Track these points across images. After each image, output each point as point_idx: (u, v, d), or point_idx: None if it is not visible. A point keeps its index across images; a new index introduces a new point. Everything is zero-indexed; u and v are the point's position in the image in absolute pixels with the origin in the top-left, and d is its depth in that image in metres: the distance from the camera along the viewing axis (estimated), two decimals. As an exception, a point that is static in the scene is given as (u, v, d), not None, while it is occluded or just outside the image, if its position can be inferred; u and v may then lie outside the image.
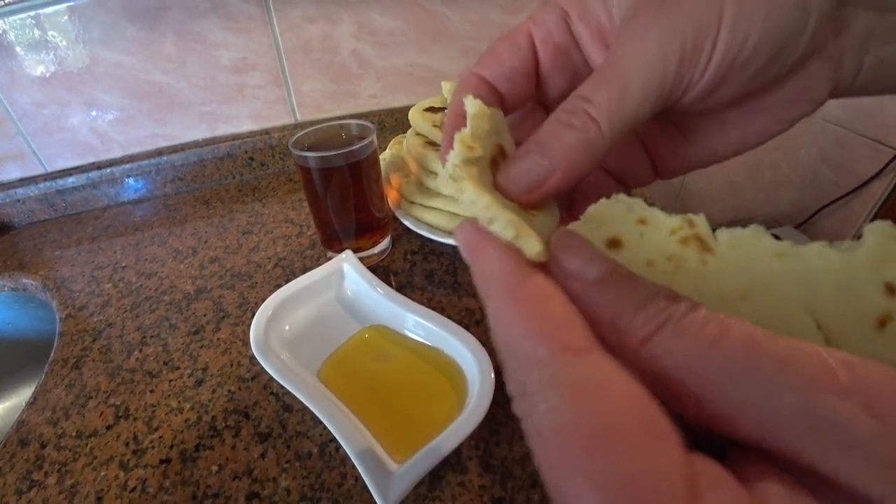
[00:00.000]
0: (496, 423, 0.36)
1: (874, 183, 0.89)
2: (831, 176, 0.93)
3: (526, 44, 0.20)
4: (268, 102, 0.72)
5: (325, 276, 0.46)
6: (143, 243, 0.63)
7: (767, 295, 0.14)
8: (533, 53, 0.20)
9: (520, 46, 0.20)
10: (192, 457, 0.37)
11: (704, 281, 0.15)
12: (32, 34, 0.61)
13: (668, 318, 0.12)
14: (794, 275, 0.14)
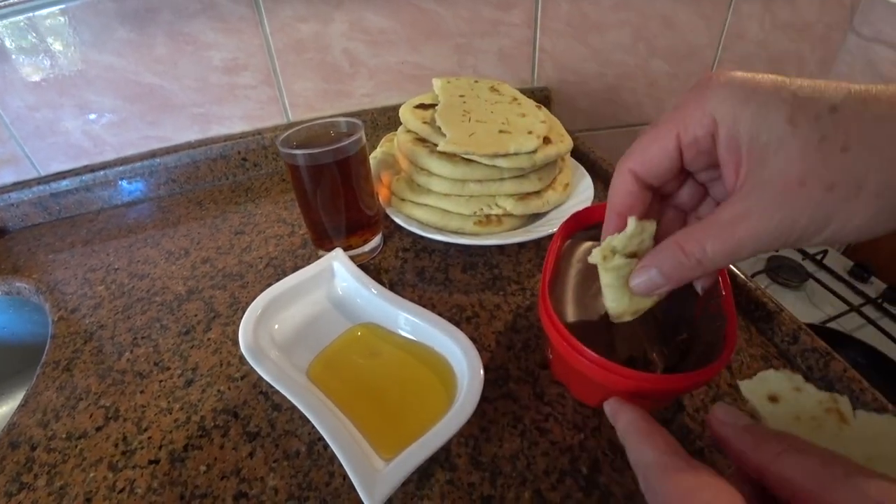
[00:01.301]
0: (486, 421, 0.36)
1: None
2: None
3: (674, 147, 0.24)
4: (260, 103, 0.72)
5: (314, 275, 0.46)
6: (135, 245, 0.62)
7: (890, 464, 0.19)
8: (678, 154, 0.25)
9: (668, 151, 0.25)
10: (181, 457, 0.37)
11: (839, 441, 0.20)
12: (24, 38, 0.61)
13: (791, 445, 0.19)
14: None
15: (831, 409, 0.22)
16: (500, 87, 0.58)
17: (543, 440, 0.35)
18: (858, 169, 0.19)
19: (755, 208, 0.21)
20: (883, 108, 0.19)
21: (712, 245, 0.22)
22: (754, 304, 0.46)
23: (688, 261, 0.23)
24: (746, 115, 0.21)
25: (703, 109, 0.23)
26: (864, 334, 0.72)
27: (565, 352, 0.31)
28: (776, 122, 0.20)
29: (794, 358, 0.42)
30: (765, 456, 0.20)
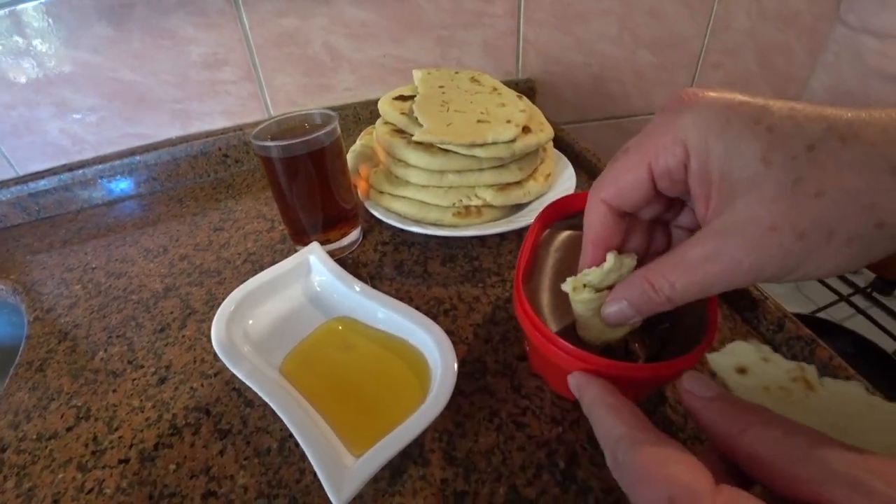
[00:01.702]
0: (461, 415, 0.35)
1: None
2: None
3: (646, 178, 0.24)
4: (240, 98, 0.71)
5: (290, 269, 0.45)
6: (114, 244, 0.61)
7: (856, 432, 0.19)
8: (652, 184, 0.24)
9: (641, 180, 0.24)
10: (151, 456, 0.36)
11: (807, 410, 0.20)
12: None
13: (758, 418, 0.19)
14: (881, 422, 0.19)
15: (798, 378, 0.22)
16: (481, 77, 0.57)
17: (520, 434, 0.34)
18: (831, 217, 0.18)
19: (724, 250, 0.20)
20: (863, 148, 0.18)
21: (681, 283, 0.22)
22: (738, 293, 0.45)
23: (657, 296, 0.23)
24: (719, 148, 0.20)
25: (674, 136, 0.22)
26: (854, 324, 0.72)
27: (539, 342, 0.30)
28: (750, 159, 0.20)
29: (779, 347, 0.41)
30: (732, 430, 0.20)
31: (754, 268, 0.20)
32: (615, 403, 0.23)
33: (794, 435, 0.18)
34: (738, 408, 0.20)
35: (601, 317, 0.28)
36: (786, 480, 0.18)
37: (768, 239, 0.19)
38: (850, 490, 0.15)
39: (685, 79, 0.89)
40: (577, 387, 0.27)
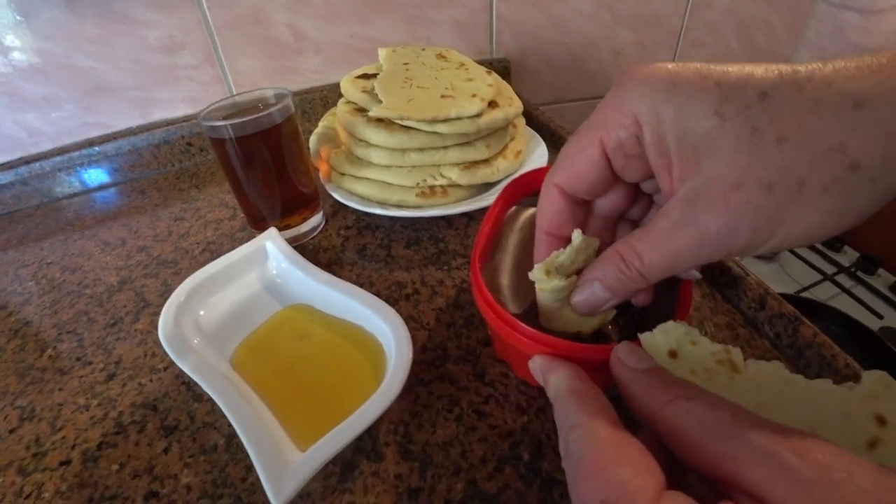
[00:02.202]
0: (419, 405, 0.33)
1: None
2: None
3: (599, 155, 0.23)
4: (202, 83, 0.68)
5: (245, 257, 0.42)
6: (72, 238, 0.59)
7: (778, 410, 0.19)
8: (606, 163, 0.23)
9: (594, 160, 0.23)
10: (94, 456, 0.34)
11: (730, 391, 0.19)
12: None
13: (684, 392, 0.18)
14: (802, 399, 0.19)
15: (724, 361, 0.20)
16: (448, 53, 0.54)
17: (482, 424, 0.32)
18: (798, 163, 0.17)
19: (690, 217, 0.19)
20: (819, 88, 0.16)
21: (649, 256, 0.21)
22: (719, 270, 0.43)
23: (629, 271, 0.22)
24: (669, 111, 0.19)
25: (622, 109, 0.21)
26: (838, 302, 0.70)
27: (496, 325, 0.28)
28: (703, 116, 0.18)
29: (761, 325, 0.39)
30: (655, 404, 0.18)
31: (724, 234, 0.19)
32: (581, 389, 0.22)
33: (717, 409, 0.17)
34: (666, 382, 0.19)
35: (572, 306, 0.26)
36: (706, 457, 0.16)
37: (734, 197, 0.18)
38: (768, 467, 0.14)
39: (666, 57, 0.87)
40: (541, 371, 0.25)
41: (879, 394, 0.18)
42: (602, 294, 0.24)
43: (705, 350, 0.21)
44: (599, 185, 0.24)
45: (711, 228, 0.19)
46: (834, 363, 0.33)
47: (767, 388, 0.19)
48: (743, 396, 0.19)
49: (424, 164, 0.45)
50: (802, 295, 0.70)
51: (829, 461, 0.14)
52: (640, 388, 0.19)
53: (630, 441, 0.18)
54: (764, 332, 0.39)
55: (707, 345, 0.21)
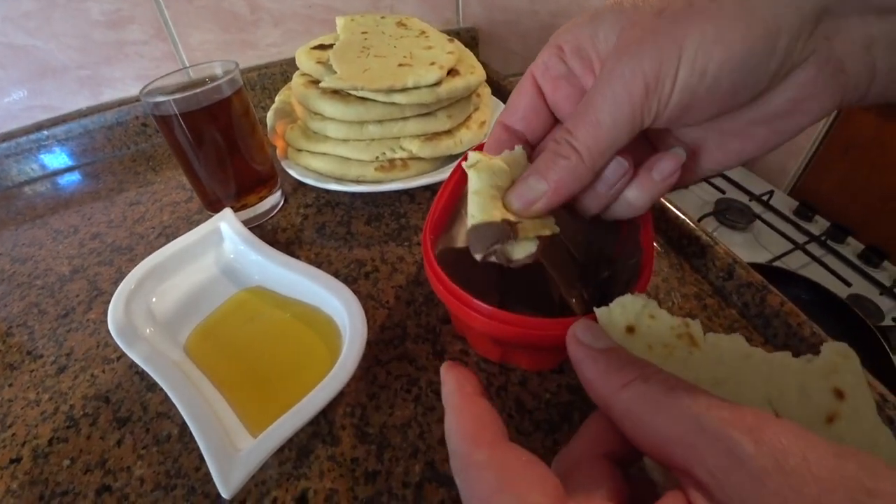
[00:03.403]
0: (377, 386, 0.32)
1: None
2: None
3: (530, 84, 0.24)
4: (154, 60, 0.64)
5: (198, 240, 0.40)
6: (22, 227, 0.56)
7: (736, 385, 0.18)
8: (538, 90, 0.24)
9: (526, 90, 0.24)
10: (44, 452, 0.33)
11: (688, 367, 0.19)
12: None
13: (640, 374, 0.17)
14: (760, 373, 0.18)
15: (683, 335, 0.19)
16: (409, 21, 0.52)
17: (440, 404, 0.31)
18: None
19: (605, 80, 0.20)
20: None
21: (579, 131, 0.20)
22: (687, 239, 0.43)
23: (562, 149, 0.21)
24: (586, 29, 0.22)
25: (549, 45, 0.23)
26: (809, 271, 0.71)
27: (440, 294, 0.27)
28: (609, 19, 0.21)
29: (729, 295, 0.39)
30: (609, 387, 0.17)
31: (631, 77, 0.18)
32: (460, 404, 0.19)
33: (671, 392, 0.15)
34: (622, 363, 0.18)
35: (505, 203, 0.23)
36: (658, 444, 0.15)
37: (632, 37, 0.19)
38: (719, 457, 0.13)
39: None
40: (441, 378, 0.22)
41: (838, 366, 0.18)
42: (536, 185, 0.21)
43: (664, 324, 0.20)
44: (533, 115, 0.25)
45: (626, 74, 0.19)
46: (800, 332, 0.33)
47: (725, 363, 0.19)
48: (700, 371, 0.18)
49: (384, 137, 0.43)
50: (774, 264, 0.70)
51: (786, 444, 0.13)
52: (596, 370, 0.18)
53: (513, 456, 0.17)
54: (732, 301, 0.38)
55: (666, 318, 0.20)
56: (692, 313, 0.37)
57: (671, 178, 0.22)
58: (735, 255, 0.40)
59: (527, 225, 0.22)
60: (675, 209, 0.43)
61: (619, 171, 0.22)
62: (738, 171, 0.93)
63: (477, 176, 0.22)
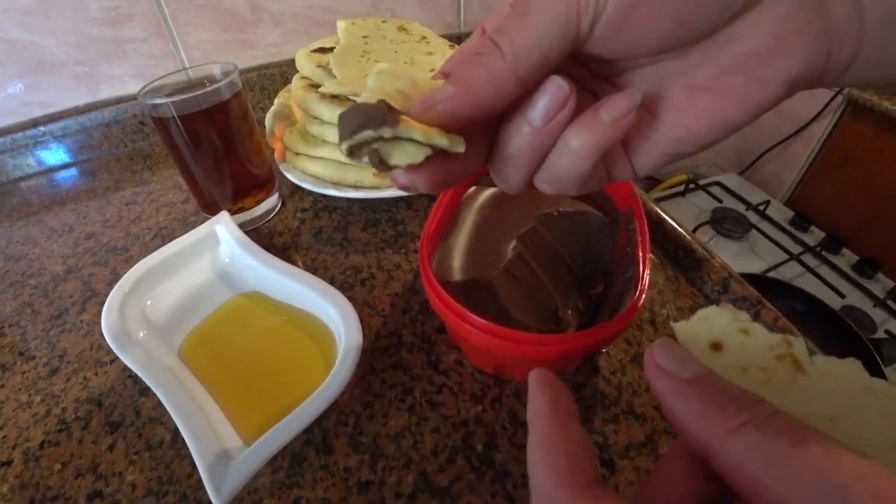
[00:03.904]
0: (371, 395, 0.32)
1: (813, 125, 0.87)
2: (773, 120, 0.91)
3: (478, 35, 0.19)
4: (153, 58, 0.64)
5: (194, 243, 0.40)
6: (17, 224, 0.56)
7: (855, 426, 0.15)
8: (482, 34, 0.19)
9: (475, 38, 0.19)
10: (36, 456, 0.32)
11: (792, 398, 0.16)
12: None
13: (753, 416, 0.13)
14: (886, 412, 0.15)
15: (784, 356, 0.17)
16: (410, 25, 0.52)
17: (434, 415, 0.31)
18: None
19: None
20: None
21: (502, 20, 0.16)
22: (683, 252, 0.43)
23: (481, 44, 0.16)
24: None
25: None
26: (804, 282, 0.71)
27: (436, 306, 0.27)
28: None
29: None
30: (713, 431, 0.14)
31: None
32: (550, 433, 0.16)
33: (803, 446, 0.12)
34: (723, 396, 0.14)
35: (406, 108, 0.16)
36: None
37: None
38: None
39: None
40: (529, 392, 0.19)
41: None
42: (445, 87, 0.16)
43: (760, 342, 0.17)
44: None
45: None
46: (790, 344, 0.33)
47: (840, 396, 0.15)
48: (809, 405, 0.15)
49: (382, 144, 0.43)
50: (769, 274, 0.71)
51: None
52: (688, 409, 0.15)
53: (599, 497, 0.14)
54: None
55: (763, 335, 0.17)
56: (687, 326, 0.38)
57: (624, 119, 0.17)
58: (730, 269, 0.40)
59: (418, 126, 0.16)
60: (671, 221, 0.43)
61: (559, 95, 0.16)
62: (734, 181, 0.93)
63: (374, 77, 0.18)
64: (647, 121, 0.18)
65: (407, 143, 0.16)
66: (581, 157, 0.17)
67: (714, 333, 0.17)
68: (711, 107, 0.17)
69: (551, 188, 0.19)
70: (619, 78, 0.19)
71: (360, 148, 0.16)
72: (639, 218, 0.32)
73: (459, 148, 0.16)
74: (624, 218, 0.34)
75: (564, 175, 0.18)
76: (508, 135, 0.18)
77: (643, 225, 0.32)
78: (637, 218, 0.32)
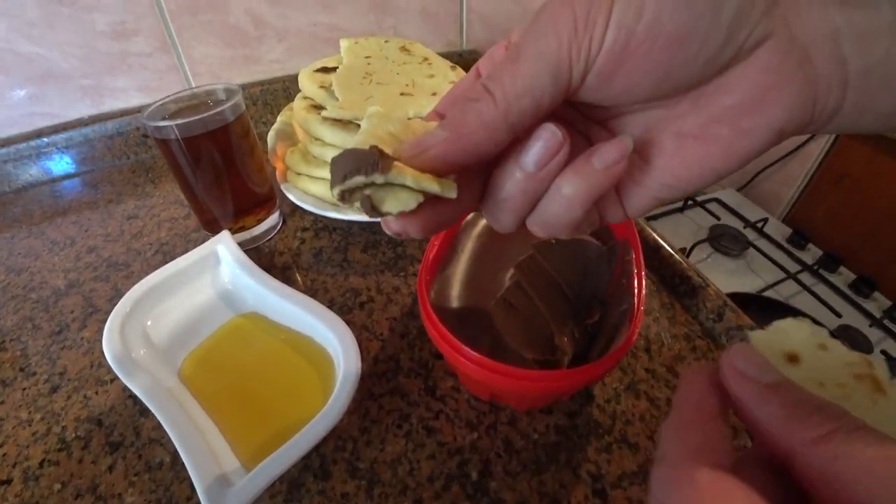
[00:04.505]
0: (368, 421, 0.33)
1: (811, 143, 0.88)
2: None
3: (471, 73, 0.21)
4: (157, 72, 0.65)
5: (196, 262, 0.41)
6: (19, 235, 0.56)
7: None
8: (476, 76, 0.21)
9: (470, 78, 0.21)
10: (35, 475, 0.33)
11: (871, 417, 0.15)
12: None
13: (841, 426, 0.13)
14: None
15: (863, 375, 0.16)
16: (412, 46, 0.52)
17: (431, 441, 0.31)
18: None
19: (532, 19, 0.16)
20: None
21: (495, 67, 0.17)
22: (679, 278, 0.43)
23: (473, 90, 0.17)
24: None
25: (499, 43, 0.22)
26: (800, 300, 0.72)
27: (435, 340, 0.28)
28: None
29: (718, 336, 0.40)
30: (795, 439, 0.14)
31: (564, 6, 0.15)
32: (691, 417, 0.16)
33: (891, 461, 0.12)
34: (807, 404, 0.14)
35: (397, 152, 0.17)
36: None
37: None
38: None
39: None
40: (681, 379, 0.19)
41: None
42: (437, 132, 0.16)
43: (838, 358, 0.17)
44: None
45: (547, 12, 0.16)
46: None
47: None
48: (890, 426, 0.15)
49: (383, 166, 0.43)
50: (766, 293, 0.71)
51: None
52: (770, 413, 0.15)
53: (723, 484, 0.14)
54: (721, 343, 0.39)
55: (841, 352, 0.17)
56: (681, 354, 0.38)
57: (615, 167, 0.17)
58: (725, 298, 0.40)
59: (409, 172, 0.16)
60: (668, 247, 0.44)
61: (552, 142, 0.16)
62: (733, 197, 0.94)
63: (367, 120, 0.18)
64: (638, 165, 0.18)
65: (399, 189, 0.16)
66: (573, 204, 0.17)
67: (790, 345, 0.17)
68: (700, 154, 0.17)
69: (543, 231, 0.19)
70: (610, 122, 0.20)
71: (351, 193, 0.16)
72: (636, 249, 0.33)
73: (451, 194, 0.16)
74: (620, 247, 0.35)
75: (556, 220, 0.18)
76: (501, 179, 0.18)
77: (639, 257, 0.32)
78: (634, 249, 0.33)
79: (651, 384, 0.36)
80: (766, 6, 0.15)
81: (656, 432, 0.33)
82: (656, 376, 0.37)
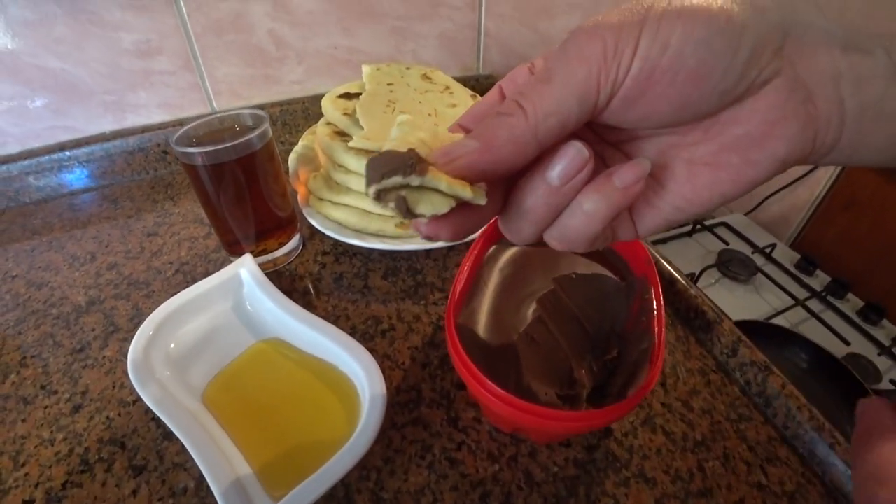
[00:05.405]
0: (392, 450, 0.33)
1: (818, 170, 0.89)
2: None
3: (494, 91, 0.22)
4: (179, 90, 0.66)
5: (218, 285, 0.41)
6: (39, 248, 0.57)
7: None
8: (500, 95, 0.21)
9: (489, 95, 0.22)
10: (58, 496, 0.33)
11: None
12: None
13: None
14: None
15: None
16: (433, 74, 0.53)
17: (453, 472, 0.32)
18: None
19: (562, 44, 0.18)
20: None
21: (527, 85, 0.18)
22: (694, 312, 0.44)
23: (505, 105, 0.18)
24: None
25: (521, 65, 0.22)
26: (808, 328, 0.72)
27: (461, 373, 0.28)
28: None
29: (732, 371, 0.40)
30: None
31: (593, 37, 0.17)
32: None
33: None
34: None
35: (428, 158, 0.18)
36: None
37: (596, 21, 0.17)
38: None
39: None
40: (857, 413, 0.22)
41: None
42: (467, 141, 0.17)
43: None
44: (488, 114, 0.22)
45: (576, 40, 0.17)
46: (799, 415, 0.34)
47: None
48: None
49: (405, 194, 0.44)
50: (774, 320, 0.71)
51: None
52: None
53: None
54: (734, 378, 0.39)
55: None
56: (696, 388, 0.38)
57: (634, 186, 0.18)
58: (740, 334, 0.41)
59: (444, 177, 0.16)
60: (683, 281, 0.44)
61: (578, 159, 0.18)
62: (741, 222, 0.95)
63: (398, 127, 0.19)
64: (652, 188, 0.20)
65: (432, 193, 0.17)
66: (592, 219, 0.19)
67: None
68: (710, 180, 0.19)
69: (560, 245, 0.20)
70: (625, 145, 0.21)
71: (387, 193, 0.17)
72: (654, 287, 0.33)
73: (481, 201, 0.17)
74: (639, 284, 0.35)
75: (575, 234, 0.19)
76: (525, 191, 0.19)
77: (658, 296, 0.33)
78: (653, 287, 0.33)
79: (667, 418, 0.36)
80: (776, 48, 0.16)
81: (672, 467, 0.33)
82: (672, 410, 0.37)
